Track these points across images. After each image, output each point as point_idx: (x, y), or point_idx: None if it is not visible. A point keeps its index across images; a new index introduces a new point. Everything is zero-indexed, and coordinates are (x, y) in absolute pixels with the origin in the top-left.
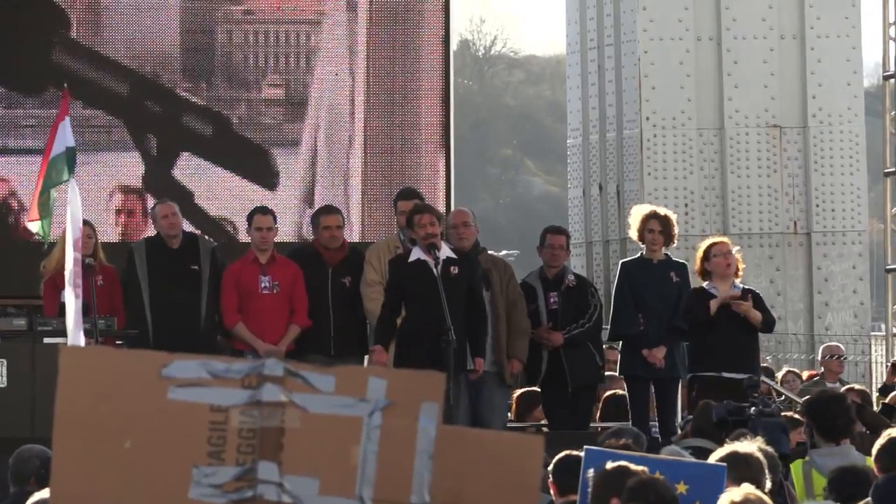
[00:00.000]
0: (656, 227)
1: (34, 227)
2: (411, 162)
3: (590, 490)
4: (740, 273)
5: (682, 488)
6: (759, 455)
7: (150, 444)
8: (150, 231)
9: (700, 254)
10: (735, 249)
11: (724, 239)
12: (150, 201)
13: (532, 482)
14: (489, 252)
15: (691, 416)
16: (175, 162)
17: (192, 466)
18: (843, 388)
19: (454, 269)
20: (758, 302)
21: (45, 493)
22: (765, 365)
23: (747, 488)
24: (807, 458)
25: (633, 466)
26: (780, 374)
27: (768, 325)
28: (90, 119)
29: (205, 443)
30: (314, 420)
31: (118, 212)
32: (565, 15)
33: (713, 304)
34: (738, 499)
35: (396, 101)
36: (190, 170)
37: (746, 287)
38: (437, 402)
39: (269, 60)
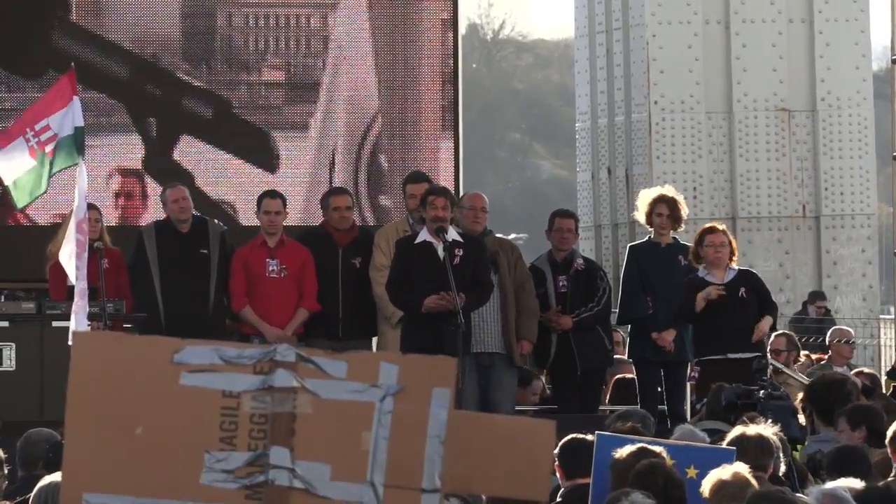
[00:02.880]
0: (664, 210)
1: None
2: (419, 145)
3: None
4: (734, 259)
5: (692, 472)
6: (768, 438)
7: (162, 429)
8: (150, 215)
9: (695, 238)
10: (722, 227)
11: (720, 227)
12: (150, 184)
13: (543, 467)
14: (496, 235)
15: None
16: (175, 145)
17: (203, 452)
18: (852, 372)
19: (459, 252)
20: (757, 284)
21: (54, 477)
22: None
23: (738, 467)
24: (805, 444)
25: (657, 449)
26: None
27: (773, 321)
28: (90, 102)
29: (217, 428)
30: (326, 405)
31: (118, 195)
32: None
33: (699, 301)
34: (726, 477)
35: (403, 84)
36: (190, 153)
37: (743, 268)
38: (448, 387)
39: (269, 43)
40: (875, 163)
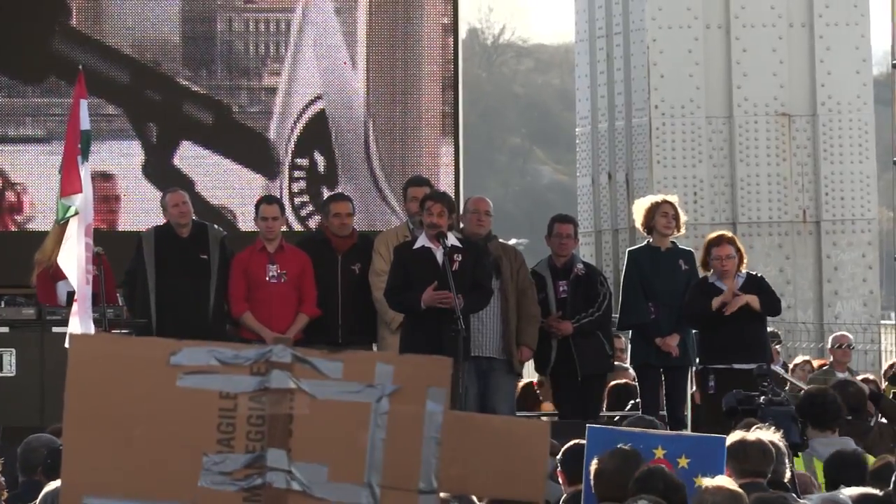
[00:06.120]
0: (670, 210)
1: (66, 202)
2: (420, 150)
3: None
4: (744, 265)
5: (683, 462)
6: (768, 444)
7: (160, 431)
8: (149, 220)
9: (704, 244)
10: (730, 236)
11: (728, 235)
12: (150, 189)
13: (538, 468)
14: (499, 240)
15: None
16: (175, 150)
17: (201, 454)
18: (859, 377)
19: (457, 258)
20: (762, 286)
21: (57, 484)
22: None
23: (723, 479)
24: (807, 448)
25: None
26: (794, 362)
27: (772, 306)
28: (90, 107)
29: (214, 430)
30: (322, 406)
31: (117, 200)
32: (574, 3)
33: (715, 302)
34: (711, 485)
35: (404, 89)
36: (190, 158)
37: (752, 272)
38: (444, 387)
39: (269, 48)
40: (875, 168)
